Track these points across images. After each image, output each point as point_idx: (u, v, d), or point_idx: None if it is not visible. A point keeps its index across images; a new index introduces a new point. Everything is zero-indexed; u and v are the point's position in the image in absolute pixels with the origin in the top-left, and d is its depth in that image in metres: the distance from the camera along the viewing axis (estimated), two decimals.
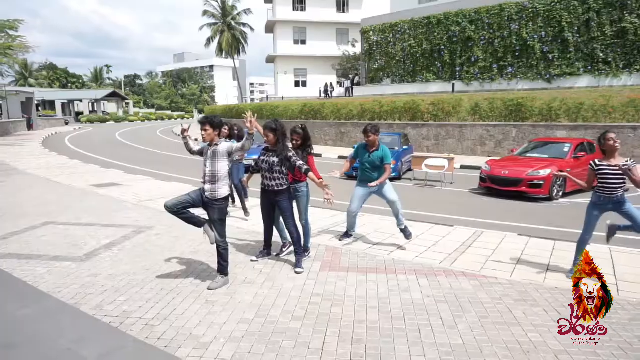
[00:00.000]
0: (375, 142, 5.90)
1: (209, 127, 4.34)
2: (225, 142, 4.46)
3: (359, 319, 3.85)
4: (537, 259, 5.56)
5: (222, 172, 4.38)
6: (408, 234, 6.07)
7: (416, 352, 3.31)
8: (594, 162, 4.83)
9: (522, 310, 4.05)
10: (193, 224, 4.50)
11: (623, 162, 4.63)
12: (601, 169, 4.74)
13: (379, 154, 5.86)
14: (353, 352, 3.30)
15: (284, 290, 4.47)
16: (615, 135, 4.70)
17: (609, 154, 4.73)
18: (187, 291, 4.43)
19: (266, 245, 5.47)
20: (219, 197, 4.39)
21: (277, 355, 3.25)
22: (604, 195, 4.76)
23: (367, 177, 5.95)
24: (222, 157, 4.38)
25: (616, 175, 4.63)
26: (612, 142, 4.66)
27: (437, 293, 4.42)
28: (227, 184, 4.46)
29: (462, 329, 3.67)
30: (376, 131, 5.88)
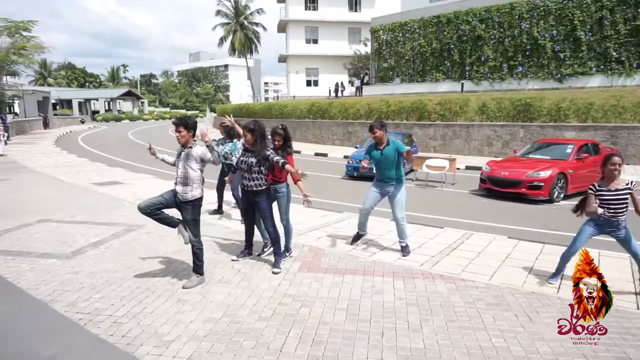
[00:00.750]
0: (383, 137, 5.57)
1: (183, 128, 4.37)
2: (201, 146, 4.48)
3: (325, 320, 3.85)
4: (521, 262, 5.48)
5: (193, 175, 4.42)
6: (407, 252, 5.71)
7: (374, 355, 3.30)
8: (594, 187, 4.54)
9: (492, 314, 4.00)
10: (167, 225, 4.57)
11: (624, 185, 4.41)
12: (601, 195, 4.48)
13: (391, 148, 5.54)
14: (311, 354, 3.30)
15: (257, 291, 4.50)
16: (620, 161, 4.42)
17: (609, 179, 4.47)
18: (162, 290, 4.49)
19: (247, 245, 5.51)
20: (190, 199, 4.43)
21: (235, 355, 3.28)
22: (605, 217, 4.49)
23: (386, 175, 5.64)
24: (194, 161, 4.41)
25: (618, 200, 4.40)
26: (614, 169, 4.39)
27: (410, 296, 4.40)
28: (200, 186, 4.50)
29: (427, 333, 3.64)
30: (382, 126, 5.57)
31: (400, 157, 5.56)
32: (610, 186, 4.44)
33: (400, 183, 5.70)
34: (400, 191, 5.68)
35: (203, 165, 4.50)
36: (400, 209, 5.64)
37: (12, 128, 26.55)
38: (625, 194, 4.39)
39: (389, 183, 5.69)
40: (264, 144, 4.96)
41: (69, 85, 70.01)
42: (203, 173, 4.58)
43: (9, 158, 16.30)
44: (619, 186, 4.42)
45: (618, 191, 4.40)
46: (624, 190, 4.39)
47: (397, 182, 5.67)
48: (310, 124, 24.94)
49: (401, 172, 5.68)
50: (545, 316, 3.97)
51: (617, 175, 4.42)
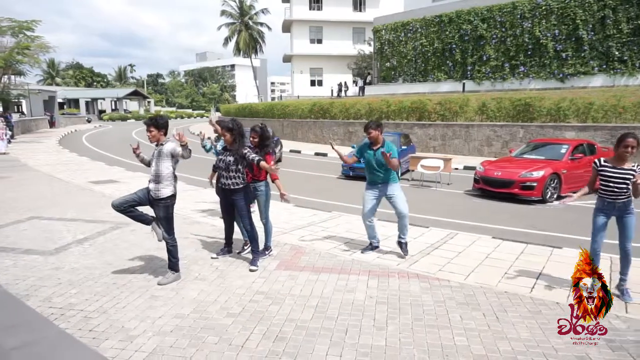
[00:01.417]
0: (378, 138, 5.44)
1: (154, 128, 4.44)
2: (171, 142, 4.55)
3: (292, 317, 3.89)
4: (499, 262, 5.47)
5: (165, 172, 4.48)
6: (405, 251, 5.62)
7: (334, 352, 3.33)
8: (598, 161, 4.42)
9: (460, 313, 4.01)
10: (141, 222, 4.63)
11: (629, 166, 4.27)
12: (603, 171, 4.35)
13: (385, 149, 5.32)
14: (271, 350, 3.34)
15: (231, 288, 4.55)
16: (635, 143, 4.20)
17: (619, 159, 4.32)
18: (137, 286, 4.56)
19: (227, 243, 5.57)
20: (162, 197, 4.49)
21: (197, 350, 3.33)
22: (608, 200, 4.37)
23: (375, 178, 5.53)
24: (165, 157, 4.48)
25: (619, 179, 4.26)
26: (625, 150, 4.22)
27: (382, 294, 4.42)
28: (172, 184, 4.56)
29: (391, 331, 3.67)
30: (377, 126, 5.43)
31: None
32: (617, 164, 4.30)
33: (394, 180, 5.55)
34: (397, 188, 5.55)
35: (175, 162, 4.56)
36: (402, 202, 5.48)
37: (18, 127, 26.91)
38: (628, 174, 4.21)
39: (379, 184, 5.54)
40: (241, 143, 5.01)
41: (76, 85, 70.75)
42: (175, 170, 4.63)
43: (11, 156, 16.54)
44: (627, 166, 4.26)
45: (623, 170, 4.24)
46: (628, 171, 4.22)
47: (390, 181, 5.51)
48: (311, 124, 24.98)
49: (393, 172, 5.52)
50: (513, 315, 3.97)
51: (627, 157, 4.25)
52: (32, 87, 37.91)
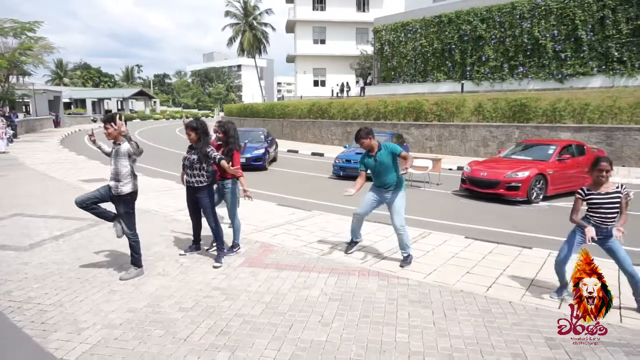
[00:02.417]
0: (371, 145, 5.31)
1: (110, 126, 4.53)
2: (128, 142, 4.62)
3: (242, 312, 3.96)
4: (465, 262, 5.50)
5: (124, 171, 4.57)
6: (407, 262, 5.32)
7: (273, 346, 3.39)
8: (583, 191, 4.24)
9: (409, 311, 4.05)
10: (104, 219, 4.74)
11: (614, 188, 4.11)
12: (591, 198, 4.19)
13: (384, 152, 5.27)
14: (212, 343, 3.42)
15: (190, 284, 4.63)
16: (608, 166, 4.09)
17: (596, 184, 4.19)
18: (100, 281, 4.66)
19: (195, 240, 5.65)
20: (122, 194, 4.59)
21: (140, 343, 3.41)
22: (597, 224, 4.18)
23: (384, 181, 5.33)
24: (123, 156, 4.56)
25: (608, 203, 4.10)
26: (600, 175, 4.09)
27: (337, 291, 4.47)
28: (131, 182, 4.64)
29: (335, 327, 3.72)
30: (367, 134, 5.25)
31: (396, 158, 5.23)
32: (600, 189, 4.16)
33: (400, 188, 5.36)
34: (399, 196, 5.33)
35: (132, 161, 4.65)
36: (399, 215, 5.27)
37: (22, 126, 27.32)
38: (616, 196, 4.09)
39: (387, 189, 5.36)
40: (205, 141, 5.10)
41: (84, 85, 71.60)
42: (134, 169, 4.71)
43: (10, 155, 16.82)
44: (609, 189, 4.13)
45: (609, 194, 4.11)
46: (614, 194, 4.10)
47: (396, 187, 5.33)
48: (310, 124, 25.06)
49: (400, 175, 5.33)
50: (462, 314, 4.01)
51: (604, 182, 4.13)
52: (40, 87, 38.49)
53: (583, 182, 11.05)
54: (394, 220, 5.31)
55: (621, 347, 3.44)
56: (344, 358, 3.24)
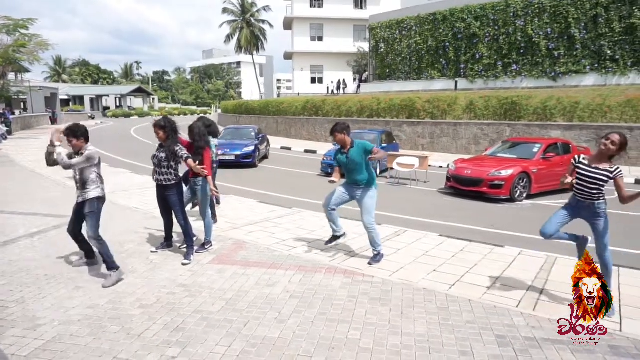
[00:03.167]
0: (344, 140, 5.29)
1: (72, 138, 4.50)
2: (90, 150, 4.60)
3: (200, 309, 4.01)
4: (434, 259, 5.54)
5: (91, 177, 4.55)
6: (376, 260, 5.38)
7: (225, 342, 3.44)
8: (577, 157, 4.17)
9: (367, 309, 4.09)
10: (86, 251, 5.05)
11: (606, 167, 3.95)
12: (579, 168, 4.10)
13: (357, 149, 5.22)
14: (165, 339, 3.46)
15: (155, 281, 4.67)
16: (619, 140, 3.90)
17: (599, 156, 4.04)
18: (67, 277, 4.70)
19: (167, 238, 5.70)
20: (88, 198, 4.60)
21: (94, 339, 3.46)
22: (577, 198, 4.16)
23: (355, 179, 5.34)
24: (83, 158, 4.54)
25: (591, 179, 3.99)
26: (602, 143, 3.96)
27: (300, 289, 4.52)
28: (99, 186, 4.63)
29: (290, 324, 3.76)
30: (343, 129, 5.25)
31: (367, 156, 5.17)
32: (592, 163, 4.04)
33: (370, 186, 5.33)
34: (369, 194, 5.32)
35: (90, 164, 4.60)
36: (368, 213, 5.29)
37: (17, 123, 27.36)
38: (601, 175, 3.93)
39: (358, 186, 5.36)
40: (174, 140, 5.13)
41: (83, 82, 71.61)
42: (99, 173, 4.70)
43: (2, 152, 16.87)
44: (601, 165, 3.97)
45: (597, 170, 3.96)
46: (602, 171, 3.93)
47: (366, 185, 5.32)
48: (304, 121, 25.08)
49: (372, 173, 5.34)
50: (419, 311, 4.05)
51: (604, 152, 3.95)
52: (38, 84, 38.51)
53: None
54: (364, 218, 5.35)
55: (569, 345, 3.48)
56: (293, 354, 3.29)
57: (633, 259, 5.75)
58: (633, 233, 7.12)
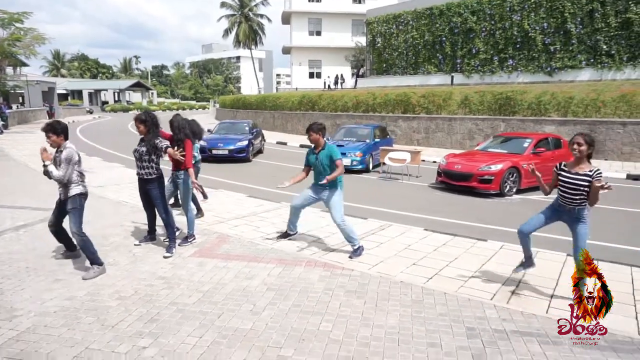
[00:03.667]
0: (319, 141, 5.40)
1: (52, 134, 4.50)
2: (66, 149, 4.57)
3: (176, 301, 4.05)
4: (415, 253, 5.58)
5: (68, 177, 4.53)
6: (357, 254, 5.46)
7: (197, 333, 3.49)
8: (559, 164, 4.25)
9: (342, 301, 4.13)
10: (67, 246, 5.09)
11: (587, 171, 4.00)
12: (561, 175, 4.17)
13: (326, 152, 5.35)
14: (138, 330, 3.51)
15: (135, 273, 4.72)
16: (583, 139, 4.00)
17: (577, 161, 4.09)
18: (48, 270, 4.75)
19: (150, 231, 5.74)
20: (71, 195, 4.61)
21: (68, 329, 3.51)
22: (559, 202, 4.25)
23: (320, 179, 5.41)
24: (62, 164, 4.54)
25: (572, 184, 4.05)
26: (572, 148, 4.03)
27: (278, 281, 4.56)
28: (79, 184, 4.61)
29: (264, 316, 3.81)
30: (319, 130, 5.35)
31: (332, 164, 5.31)
32: (573, 168, 4.11)
33: (335, 187, 5.43)
34: (335, 195, 5.43)
35: (73, 165, 4.56)
36: (337, 212, 5.40)
37: (14, 118, 27.35)
38: (582, 180, 3.98)
39: (324, 188, 5.45)
40: (155, 133, 5.16)
41: (82, 76, 71.43)
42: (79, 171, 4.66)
43: None
44: (581, 170, 4.03)
45: (577, 175, 4.02)
46: (582, 176, 3.98)
47: (330, 187, 5.41)
48: (300, 116, 25.07)
49: (338, 178, 5.39)
50: (393, 304, 4.09)
51: (576, 156, 4.04)
52: (35, 78, 38.44)
53: None
54: (333, 216, 5.44)
55: (537, 337, 3.53)
56: (262, 345, 3.33)
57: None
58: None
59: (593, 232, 6.57)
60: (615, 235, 6.66)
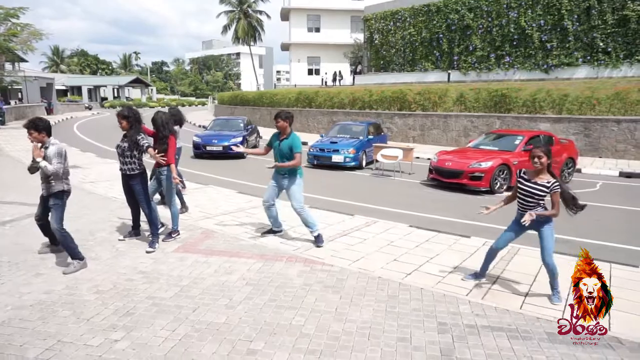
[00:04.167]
0: (285, 129, 5.52)
1: (34, 130, 4.50)
2: (53, 145, 4.61)
3: (154, 295, 4.09)
4: (397, 249, 5.61)
5: (51, 172, 4.58)
6: (320, 241, 5.66)
7: (170, 327, 3.52)
8: (519, 172, 4.32)
9: (317, 296, 4.16)
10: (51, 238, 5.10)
11: (545, 182, 4.09)
12: (519, 182, 4.26)
13: (288, 142, 5.50)
14: (112, 323, 3.54)
15: (116, 267, 4.75)
16: (542, 152, 4.07)
17: (537, 172, 4.15)
18: (29, 265, 4.78)
19: (134, 226, 5.77)
20: (53, 192, 4.65)
21: (43, 322, 3.54)
22: (519, 211, 4.31)
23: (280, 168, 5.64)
24: (54, 159, 4.54)
25: (528, 193, 4.16)
26: (532, 162, 4.11)
27: (257, 276, 4.59)
28: (62, 181, 4.65)
29: (239, 310, 3.84)
30: (286, 117, 5.49)
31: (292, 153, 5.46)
32: (533, 177, 4.18)
33: (294, 175, 5.62)
34: (294, 183, 5.62)
35: (64, 160, 4.63)
36: (295, 200, 5.60)
37: (11, 114, 27.38)
38: (539, 190, 4.10)
39: (282, 175, 5.65)
40: (136, 129, 5.18)
41: (81, 72, 71.37)
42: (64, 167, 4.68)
43: None
44: (540, 180, 4.13)
45: (535, 185, 4.13)
46: (539, 187, 4.10)
47: (290, 175, 5.61)
48: (297, 113, 25.02)
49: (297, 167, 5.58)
50: (368, 299, 4.12)
51: (536, 168, 4.11)
52: (33, 74, 38.41)
53: None
54: (292, 204, 5.64)
55: (508, 332, 3.56)
56: (234, 339, 3.37)
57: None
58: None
59: (578, 230, 6.67)
60: (596, 231, 6.68)
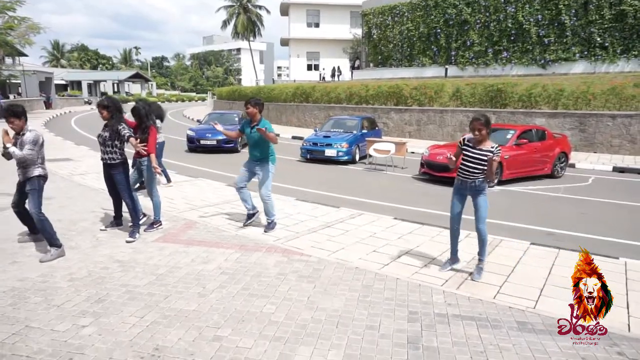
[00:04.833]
0: (255, 115, 5.63)
1: (14, 118, 4.50)
2: (30, 132, 4.62)
3: (127, 283, 4.09)
4: (378, 241, 5.60)
5: (29, 158, 4.58)
6: (270, 228, 5.87)
7: (140, 314, 3.53)
8: (464, 139, 4.42)
9: (291, 285, 4.16)
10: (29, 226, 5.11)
11: (489, 147, 4.23)
12: (465, 149, 4.36)
13: (259, 126, 5.48)
14: (83, 309, 3.56)
15: (94, 256, 4.76)
16: (481, 125, 4.18)
17: (480, 140, 4.28)
18: (8, 252, 4.80)
19: (116, 216, 5.78)
20: (30, 176, 4.65)
21: (14, 309, 3.56)
22: (462, 179, 4.45)
23: (252, 153, 5.82)
24: (27, 145, 4.58)
25: (475, 159, 4.28)
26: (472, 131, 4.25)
27: (233, 266, 4.59)
28: (39, 166, 4.67)
29: (211, 298, 3.85)
30: (256, 104, 5.61)
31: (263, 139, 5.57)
32: (477, 145, 4.30)
33: (266, 162, 5.78)
34: (265, 169, 5.79)
35: (39, 148, 4.65)
36: (264, 187, 5.77)
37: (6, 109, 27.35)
38: (484, 154, 4.22)
39: (254, 162, 5.83)
40: (117, 119, 5.18)
41: (82, 67, 71.31)
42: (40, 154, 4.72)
43: None
44: (484, 147, 4.26)
45: (481, 151, 4.24)
46: (485, 152, 4.22)
47: (261, 161, 5.79)
48: (294, 108, 25.04)
49: (267, 151, 5.75)
50: (342, 288, 4.12)
51: (477, 137, 4.24)
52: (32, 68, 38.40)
53: (542, 167, 11.17)
54: (260, 190, 5.79)
55: (478, 321, 3.56)
56: (201, 326, 3.37)
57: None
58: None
59: (562, 222, 6.66)
60: (580, 224, 6.67)
